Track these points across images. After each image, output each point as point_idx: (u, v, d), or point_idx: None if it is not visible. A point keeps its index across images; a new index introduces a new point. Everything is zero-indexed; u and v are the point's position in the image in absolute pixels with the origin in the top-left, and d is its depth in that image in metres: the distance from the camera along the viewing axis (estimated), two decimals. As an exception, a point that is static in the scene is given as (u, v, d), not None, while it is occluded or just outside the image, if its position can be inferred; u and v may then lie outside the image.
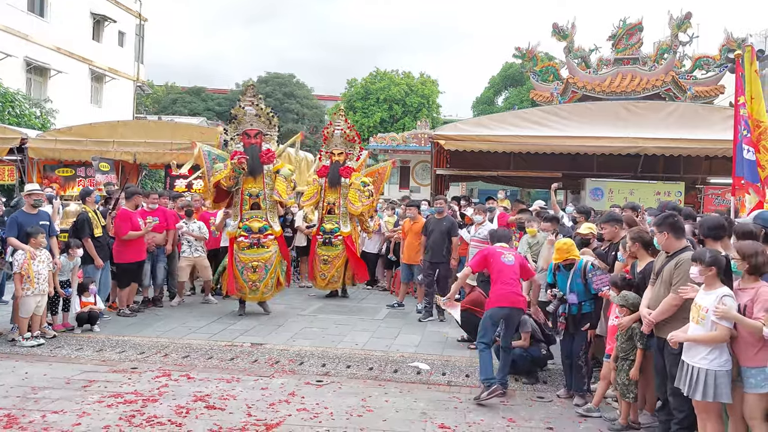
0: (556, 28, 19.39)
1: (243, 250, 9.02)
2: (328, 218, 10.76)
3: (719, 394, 4.07)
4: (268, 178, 9.19)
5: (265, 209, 9.18)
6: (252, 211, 9.12)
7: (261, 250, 9.05)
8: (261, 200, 9.15)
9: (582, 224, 7.36)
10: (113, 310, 9.01)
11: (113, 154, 13.63)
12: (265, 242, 9.07)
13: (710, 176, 14.12)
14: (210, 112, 41.67)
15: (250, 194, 9.12)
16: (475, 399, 5.80)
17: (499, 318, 6.08)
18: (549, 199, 13.43)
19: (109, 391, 5.72)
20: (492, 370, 5.94)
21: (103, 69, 28.24)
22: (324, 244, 10.67)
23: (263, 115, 9.32)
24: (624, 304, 5.15)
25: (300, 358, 7.04)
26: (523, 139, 12.77)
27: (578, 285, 5.81)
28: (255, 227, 9.04)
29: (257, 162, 9.06)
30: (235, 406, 5.46)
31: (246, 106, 9.27)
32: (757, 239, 4.70)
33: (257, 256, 9.02)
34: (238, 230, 9.07)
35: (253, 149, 9.08)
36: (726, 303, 4.03)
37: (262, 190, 9.14)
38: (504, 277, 6.09)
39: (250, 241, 9.01)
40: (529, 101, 25.13)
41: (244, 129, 9.23)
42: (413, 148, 26.60)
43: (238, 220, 9.15)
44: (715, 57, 18.80)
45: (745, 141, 7.57)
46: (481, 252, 6.47)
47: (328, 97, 49.70)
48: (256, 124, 9.26)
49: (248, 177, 9.06)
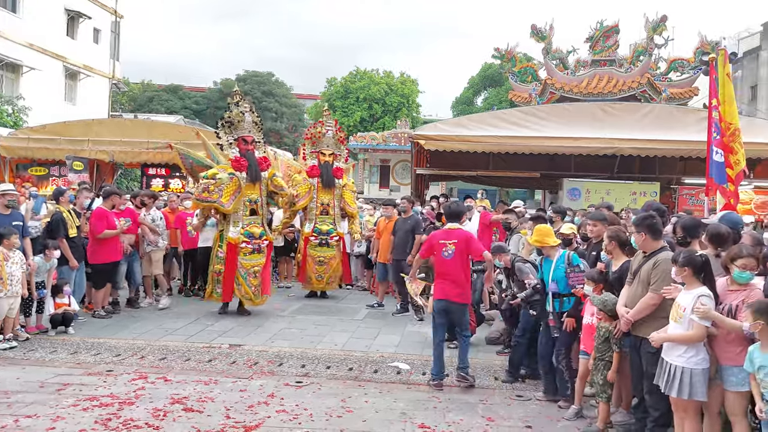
0: (534, 30, 19.52)
1: (245, 256, 9.05)
2: (323, 219, 10.72)
3: (695, 392, 4.13)
4: (264, 185, 9.36)
5: (262, 215, 9.40)
6: (251, 216, 9.23)
7: (260, 255, 9.19)
8: (258, 207, 9.29)
9: (560, 224, 7.44)
10: (88, 311, 8.87)
11: (88, 153, 13.44)
12: (263, 247, 9.23)
13: (685, 176, 14.34)
14: (187, 111, 41.23)
15: (249, 200, 9.19)
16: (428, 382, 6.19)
17: (440, 310, 6.33)
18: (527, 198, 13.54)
19: (84, 394, 5.62)
20: (440, 365, 6.27)
21: (78, 66, 27.79)
22: (320, 245, 10.62)
23: (258, 123, 9.50)
24: (602, 309, 5.17)
25: (279, 359, 6.99)
26: (502, 140, 12.87)
27: (561, 270, 5.81)
28: (256, 233, 9.15)
29: (258, 169, 9.18)
30: (214, 408, 5.41)
31: (245, 113, 9.29)
32: (728, 242, 4.79)
33: (258, 261, 9.12)
34: (241, 236, 9.04)
35: (251, 156, 9.16)
36: (704, 303, 4.08)
37: (260, 196, 9.28)
38: (442, 271, 6.34)
39: (253, 246, 9.10)
40: (508, 102, 25.27)
41: (240, 135, 9.21)
42: (393, 147, 26.64)
43: (240, 226, 9.10)
44: (690, 59, 19.07)
45: (715, 143, 7.72)
46: (428, 240, 6.66)
47: (307, 95, 49.53)
48: (252, 131, 9.35)
49: (249, 183, 9.11)
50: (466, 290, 6.47)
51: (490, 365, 6.99)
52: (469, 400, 5.91)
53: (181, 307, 9.73)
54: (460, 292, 6.34)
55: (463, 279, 6.41)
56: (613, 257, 5.50)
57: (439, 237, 6.49)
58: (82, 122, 14.72)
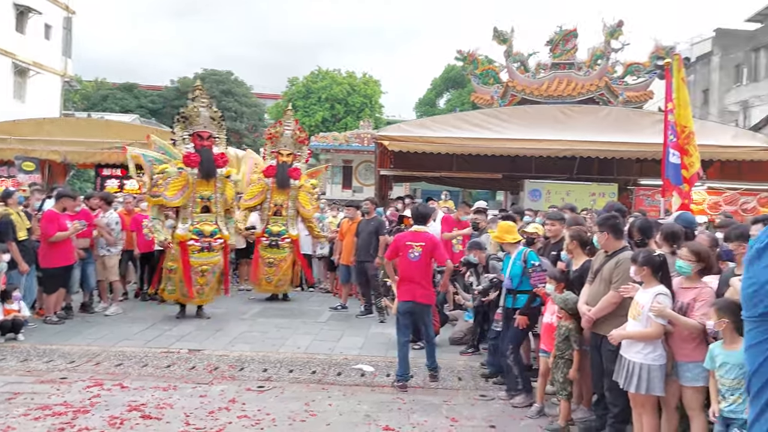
0: (496, 32, 19.69)
1: (193, 254, 8.83)
2: (275, 220, 10.53)
3: (652, 387, 4.23)
4: (220, 182, 9.09)
5: (216, 213, 9.10)
6: (203, 214, 9.00)
7: (211, 254, 8.96)
8: (212, 204, 9.06)
9: (520, 223, 7.50)
10: (39, 317, 8.56)
11: (39, 153, 12.99)
12: (215, 246, 8.98)
13: (641, 178, 14.66)
14: (143, 110, 40.42)
15: (202, 197, 8.97)
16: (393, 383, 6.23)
17: (405, 311, 6.38)
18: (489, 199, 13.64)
19: (35, 403, 5.41)
20: (405, 366, 6.27)
21: (28, 63, 26.92)
22: (270, 247, 10.41)
23: (216, 119, 9.23)
24: (563, 307, 5.22)
25: (240, 363, 6.86)
26: (465, 141, 12.96)
27: (517, 268, 5.88)
28: (206, 231, 8.91)
29: (212, 164, 8.92)
30: (173, 415, 5.27)
31: (200, 107, 9.08)
32: (680, 239, 4.91)
33: (207, 260, 8.90)
34: (189, 233, 8.84)
35: (206, 152, 8.91)
36: (660, 301, 4.17)
37: (214, 193, 9.04)
38: (407, 273, 6.39)
39: (201, 244, 8.86)
40: (470, 103, 25.48)
41: (195, 130, 8.97)
42: (356, 147, 26.55)
43: (189, 223, 8.90)
44: (645, 63, 19.51)
45: (671, 145, 7.89)
46: (395, 242, 6.67)
47: (268, 95, 49.05)
48: (209, 127, 9.10)
49: (201, 180, 8.88)
50: (430, 291, 6.58)
51: (454, 366, 6.99)
52: (433, 401, 5.89)
53: (137, 311, 9.48)
54: (425, 293, 6.44)
55: (428, 280, 6.52)
56: (573, 256, 5.57)
57: (406, 239, 6.54)
58: (32, 121, 14.24)
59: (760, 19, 30.22)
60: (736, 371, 3.69)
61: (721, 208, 12.24)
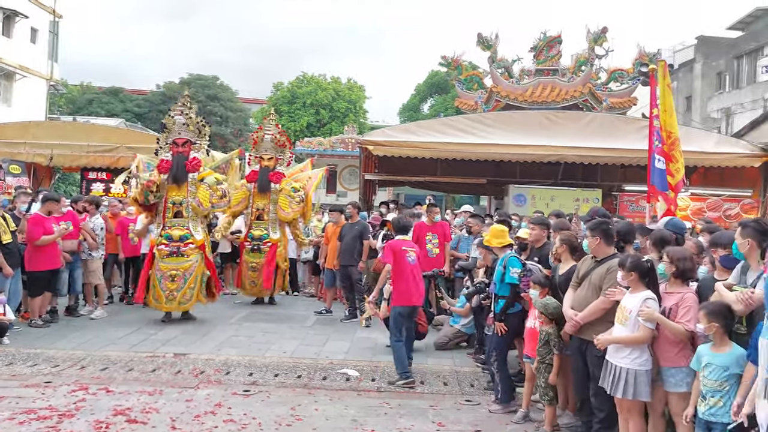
0: (480, 38, 19.80)
1: (163, 259, 8.91)
2: (257, 224, 10.52)
3: (639, 392, 4.27)
4: (193, 187, 9.15)
5: (188, 217, 9.13)
6: (174, 219, 9.09)
7: (181, 258, 8.94)
8: (184, 208, 9.12)
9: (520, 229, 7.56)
10: (24, 320, 8.49)
11: (25, 156, 12.92)
12: (185, 251, 8.97)
13: (625, 183, 14.79)
14: (128, 114, 40.06)
15: (173, 202, 9.10)
16: (389, 383, 6.47)
17: (408, 314, 6.76)
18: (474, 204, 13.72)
19: (20, 407, 5.38)
20: (407, 363, 6.63)
21: (13, 66, 26.72)
22: (252, 251, 10.39)
23: (192, 124, 9.35)
24: (544, 312, 5.27)
25: (226, 367, 6.86)
26: (450, 146, 13.00)
27: (499, 273, 5.94)
28: (176, 235, 8.97)
29: (182, 170, 9.06)
30: (158, 419, 5.26)
31: (175, 115, 9.35)
32: (670, 244, 4.96)
33: (176, 264, 8.91)
34: (160, 238, 9.00)
35: (179, 158, 9.10)
36: (649, 305, 4.22)
37: (185, 198, 9.11)
38: (408, 276, 6.69)
39: (170, 249, 8.92)
40: (454, 109, 25.57)
41: (172, 138, 9.28)
42: (340, 152, 26.57)
43: (160, 228, 9.09)
44: (629, 70, 19.69)
45: (657, 151, 7.96)
46: (390, 246, 6.83)
47: (253, 100, 48.86)
48: (184, 133, 9.30)
49: (172, 185, 9.06)
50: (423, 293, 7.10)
51: (440, 371, 7.03)
52: (420, 405, 5.93)
53: (123, 315, 9.44)
54: (421, 294, 6.98)
55: (423, 283, 7.10)
56: (561, 261, 5.60)
57: (401, 244, 6.84)
58: (18, 124, 14.18)
59: (741, 27, 30.67)
60: (720, 373, 3.76)
61: (705, 214, 12.38)
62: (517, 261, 5.93)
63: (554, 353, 5.21)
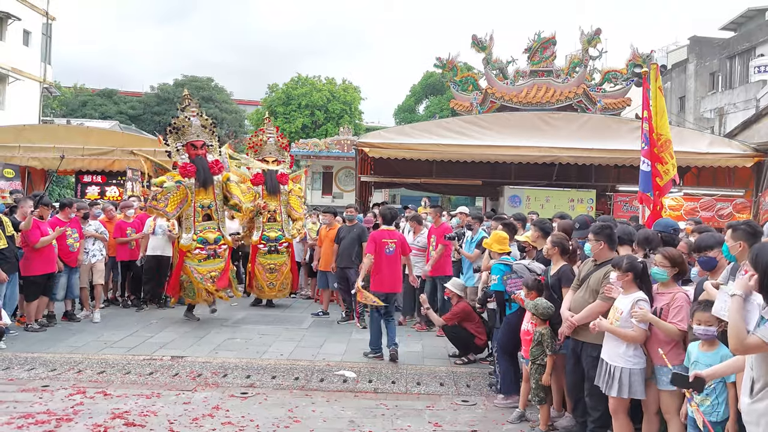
0: (475, 40, 19.89)
1: (200, 263, 8.98)
2: (270, 226, 10.52)
3: (634, 391, 4.32)
4: (218, 189, 9.21)
5: (218, 220, 9.23)
6: (205, 222, 9.11)
7: (217, 260, 9.10)
8: (213, 211, 9.18)
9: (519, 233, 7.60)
10: (21, 324, 8.49)
11: (19, 159, 12.90)
12: (220, 252, 9.12)
13: (619, 184, 14.88)
14: (123, 116, 40.03)
15: (202, 206, 9.09)
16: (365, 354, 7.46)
17: (383, 299, 7.37)
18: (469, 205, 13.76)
19: (18, 411, 5.39)
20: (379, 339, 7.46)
21: (6, 69, 26.64)
22: (270, 253, 10.39)
23: (207, 126, 9.31)
24: (534, 312, 5.32)
25: (223, 370, 6.88)
26: (445, 148, 13.07)
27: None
28: (210, 238, 9.02)
29: (209, 173, 9.06)
30: (156, 422, 5.28)
31: (191, 117, 9.17)
32: (654, 242, 5.04)
33: (214, 266, 9.04)
34: (193, 242, 8.97)
35: (201, 161, 9.04)
36: (642, 306, 4.27)
37: (214, 201, 9.16)
38: (384, 266, 7.48)
39: (207, 252, 9.00)
40: (449, 110, 25.64)
41: (188, 140, 9.11)
42: (336, 154, 26.59)
43: (192, 233, 9.02)
44: (622, 71, 19.82)
45: (642, 153, 8.01)
46: (372, 237, 7.69)
47: (248, 101, 48.89)
48: (202, 136, 9.21)
49: (200, 189, 9.03)
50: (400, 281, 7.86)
51: (436, 372, 7.06)
52: (416, 406, 5.96)
53: (119, 319, 9.43)
54: (396, 282, 7.66)
55: (400, 272, 7.80)
56: (552, 262, 5.66)
57: (383, 236, 7.61)
58: (11, 128, 14.15)
59: (734, 28, 30.85)
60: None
61: (698, 214, 12.45)
62: (497, 268, 6.16)
63: (547, 354, 5.25)
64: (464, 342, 7.39)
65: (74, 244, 8.99)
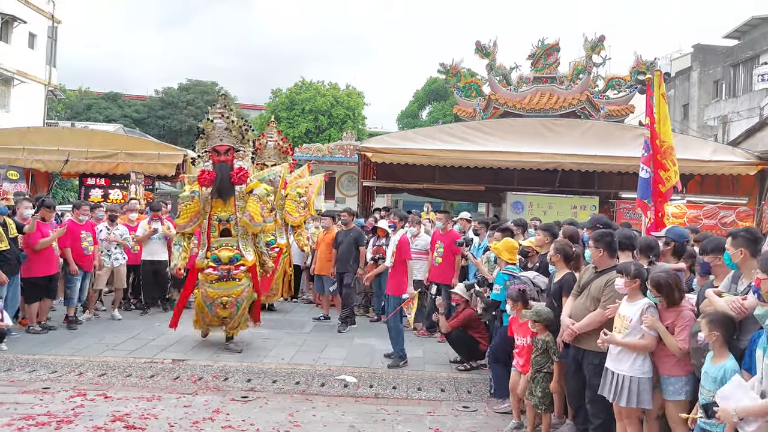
0: (478, 46, 19.92)
1: (211, 284, 7.68)
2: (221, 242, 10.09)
3: (642, 400, 4.30)
4: (241, 201, 7.81)
5: (237, 236, 7.81)
6: (222, 238, 7.77)
7: (232, 283, 7.69)
8: (232, 226, 7.78)
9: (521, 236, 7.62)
10: (23, 326, 8.50)
11: (23, 162, 12.95)
12: (236, 274, 7.69)
13: (622, 191, 14.84)
14: (127, 119, 40.13)
15: (219, 219, 7.76)
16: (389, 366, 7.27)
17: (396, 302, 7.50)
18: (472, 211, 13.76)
19: (19, 413, 5.40)
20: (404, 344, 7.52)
21: (11, 72, 26.74)
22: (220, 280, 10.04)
23: (234, 129, 7.87)
24: (537, 319, 5.26)
25: (224, 373, 6.88)
26: (448, 153, 13.06)
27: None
28: (224, 257, 7.65)
29: (227, 183, 7.69)
30: (157, 425, 5.28)
31: (215, 119, 7.89)
32: (656, 249, 5.05)
33: (227, 290, 7.66)
34: (206, 260, 7.73)
35: (222, 168, 7.71)
36: (652, 313, 4.25)
37: (233, 214, 7.77)
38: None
39: (219, 273, 7.63)
40: (453, 116, 25.67)
41: (213, 144, 7.85)
42: (339, 159, 26.62)
43: (205, 249, 7.81)
44: (626, 78, 19.82)
45: (642, 160, 8.02)
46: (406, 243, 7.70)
47: (252, 106, 48.94)
48: (226, 140, 7.84)
49: (217, 200, 7.75)
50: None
51: (438, 377, 7.05)
52: (417, 411, 5.95)
53: (121, 321, 9.43)
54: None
55: None
56: (556, 269, 5.64)
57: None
58: (16, 130, 14.19)
59: (737, 36, 30.84)
60: (712, 384, 3.77)
61: (701, 222, 12.43)
62: (501, 278, 6.21)
63: (554, 360, 5.21)
64: (469, 348, 7.37)
65: (89, 247, 9.04)
